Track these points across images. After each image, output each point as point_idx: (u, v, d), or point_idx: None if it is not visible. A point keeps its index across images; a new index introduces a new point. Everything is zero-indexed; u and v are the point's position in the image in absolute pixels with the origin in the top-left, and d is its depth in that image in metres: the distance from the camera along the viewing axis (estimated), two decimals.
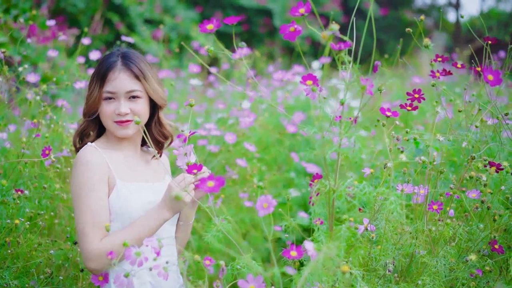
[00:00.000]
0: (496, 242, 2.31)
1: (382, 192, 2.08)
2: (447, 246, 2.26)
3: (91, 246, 2.24)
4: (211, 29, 2.07)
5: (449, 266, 2.26)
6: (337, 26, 1.94)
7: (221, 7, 12.51)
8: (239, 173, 3.99)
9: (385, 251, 2.28)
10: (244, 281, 1.89)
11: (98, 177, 2.33)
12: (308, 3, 2.13)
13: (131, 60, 2.44)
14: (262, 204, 1.93)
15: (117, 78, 2.41)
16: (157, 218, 2.29)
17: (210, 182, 1.89)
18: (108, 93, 2.41)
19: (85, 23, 10.39)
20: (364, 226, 2.22)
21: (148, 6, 11.05)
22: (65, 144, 3.21)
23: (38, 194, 2.90)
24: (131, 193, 2.36)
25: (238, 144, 4.13)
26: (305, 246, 1.78)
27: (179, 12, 11.45)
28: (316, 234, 2.08)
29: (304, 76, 2.07)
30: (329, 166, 4.27)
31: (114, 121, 2.43)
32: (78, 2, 10.23)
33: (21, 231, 2.64)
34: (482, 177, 2.28)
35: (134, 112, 2.41)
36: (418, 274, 2.28)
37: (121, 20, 10.72)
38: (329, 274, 1.91)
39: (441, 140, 2.29)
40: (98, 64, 2.47)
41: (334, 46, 2.02)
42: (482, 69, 2.07)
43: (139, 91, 2.42)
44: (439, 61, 2.59)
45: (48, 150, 2.71)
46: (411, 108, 2.48)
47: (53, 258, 2.78)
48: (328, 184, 2.07)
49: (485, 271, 2.26)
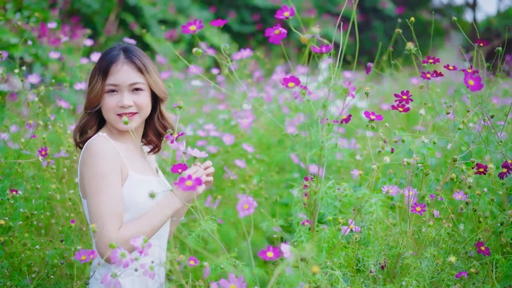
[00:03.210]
0: (483, 244, 2.31)
1: (364, 194, 2.10)
2: (430, 247, 2.26)
3: (110, 235, 2.25)
4: (193, 30, 2.09)
5: (434, 267, 2.26)
6: (318, 30, 1.96)
7: (235, 7, 12.54)
8: (238, 174, 4.01)
9: (369, 252, 2.29)
10: (226, 281, 1.92)
11: (113, 166, 2.34)
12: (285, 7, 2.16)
13: (133, 54, 2.47)
14: (243, 205, 1.95)
15: (120, 71, 2.43)
16: (169, 208, 2.32)
17: (188, 181, 1.92)
18: (111, 85, 2.43)
19: (100, 24, 10.48)
20: (349, 227, 2.23)
21: (162, 6, 11.11)
22: (62, 145, 3.25)
23: (34, 194, 2.94)
24: (141, 184, 2.39)
25: (238, 145, 4.16)
26: (281, 248, 1.79)
27: (193, 12, 11.50)
28: (297, 234, 2.10)
29: (286, 78, 2.08)
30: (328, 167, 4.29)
31: (117, 113, 2.44)
32: (93, 3, 10.31)
33: (15, 230, 2.69)
34: (468, 179, 2.29)
35: (137, 104, 2.44)
36: (403, 275, 2.29)
37: (136, 20, 10.79)
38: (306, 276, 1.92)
39: (425, 142, 2.30)
40: (100, 59, 2.49)
41: (316, 49, 2.04)
42: (464, 74, 2.07)
43: (142, 84, 2.45)
44: (430, 62, 2.59)
45: (45, 151, 2.75)
46: (403, 109, 2.48)
47: (46, 258, 2.82)
48: (310, 185, 2.09)
49: (470, 273, 2.26)
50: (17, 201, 2.76)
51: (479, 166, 2.33)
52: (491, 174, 2.28)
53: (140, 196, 2.37)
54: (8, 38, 5.73)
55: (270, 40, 2.13)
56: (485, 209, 2.43)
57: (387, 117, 4.73)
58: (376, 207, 2.05)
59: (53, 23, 3.78)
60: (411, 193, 2.36)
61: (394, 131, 2.51)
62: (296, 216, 2.11)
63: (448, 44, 16.06)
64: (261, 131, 4.54)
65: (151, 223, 2.30)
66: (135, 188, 2.38)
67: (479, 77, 2.01)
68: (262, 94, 4.73)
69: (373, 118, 2.26)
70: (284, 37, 2.12)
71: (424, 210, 2.30)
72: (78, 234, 3.03)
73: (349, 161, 3.94)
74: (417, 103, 2.93)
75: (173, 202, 2.32)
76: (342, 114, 2.18)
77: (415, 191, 2.36)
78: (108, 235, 2.25)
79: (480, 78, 2.01)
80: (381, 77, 7.66)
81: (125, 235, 2.26)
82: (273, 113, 4.85)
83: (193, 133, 4.27)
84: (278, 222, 2.17)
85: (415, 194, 2.35)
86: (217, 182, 4.04)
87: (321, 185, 2.08)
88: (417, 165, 2.35)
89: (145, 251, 1.94)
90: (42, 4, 7.02)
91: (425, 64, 2.58)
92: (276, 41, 2.13)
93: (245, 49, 4.58)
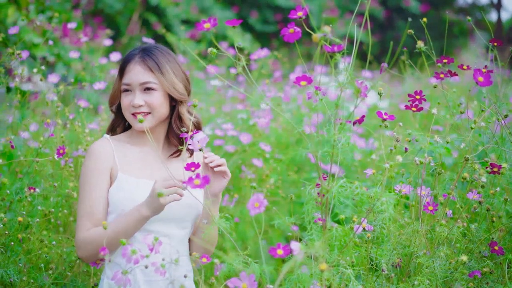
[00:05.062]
0: (496, 244, 2.31)
1: (376, 193, 2.10)
2: (442, 246, 2.26)
3: (79, 235, 2.36)
4: (207, 28, 2.09)
5: (447, 266, 2.26)
6: (329, 29, 1.96)
7: (258, 7, 12.55)
8: (255, 173, 4.02)
9: (381, 251, 2.30)
10: (237, 279, 1.93)
11: (99, 167, 2.42)
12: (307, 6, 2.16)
13: (149, 53, 2.48)
14: (254, 204, 1.96)
15: (132, 70, 2.46)
16: (136, 216, 2.29)
17: (197, 180, 1.94)
18: (125, 85, 2.47)
19: (123, 24, 10.56)
20: (360, 225, 2.24)
21: (185, 6, 11.15)
22: (81, 143, 3.29)
23: (51, 192, 2.98)
24: (128, 187, 2.41)
25: (255, 145, 4.17)
26: (291, 246, 1.81)
27: (216, 12, 11.53)
28: (309, 233, 2.10)
29: (298, 76, 2.09)
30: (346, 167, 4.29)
31: (131, 113, 2.47)
32: (115, 3, 10.39)
33: (33, 227, 2.73)
34: (482, 178, 2.28)
35: (149, 104, 2.44)
36: (416, 275, 2.29)
37: (159, 20, 10.85)
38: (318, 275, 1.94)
39: (438, 141, 2.30)
40: (122, 58, 2.58)
41: (328, 48, 2.04)
42: (474, 71, 2.07)
43: (153, 83, 2.45)
44: (445, 62, 2.58)
45: (62, 149, 2.78)
46: (416, 109, 2.48)
47: (64, 255, 2.86)
48: (322, 183, 2.09)
49: (483, 272, 2.26)
50: (35, 199, 2.80)
51: (493, 166, 2.32)
52: (504, 173, 2.27)
53: (123, 198, 2.39)
54: (31, 38, 5.80)
55: (284, 39, 2.13)
56: (499, 208, 2.42)
57: (406, 117, 4.72)
58: (387, 206, 2.05)
59: (73, 23, 3.83)
60: (424, 193, 2.36)
61: (408, 130, 2.50)
62: (308, 214, 2.12)
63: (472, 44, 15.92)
64: (280, 130, 4.55)
65: (117, 229, 2.31)
66: (120, 190, 2.41)
67: (488, 74, 2.00)
68: (280, 94, 4.72)
69: (385, 117, 2.27)
70: (299, 36, 2.12)
71: (436, 209, 2.30)
72: None
73: (367, 160, 3.94)
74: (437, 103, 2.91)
75: (140, 210, 2.29)
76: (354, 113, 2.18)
77: (428, 190, 2.35)
78: (77, 233, 2.37)
79: (489, 75, 2.00)
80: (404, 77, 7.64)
81: (93, 235, 2.34)
82: (292, 112, 4.85)
83: (211, 133, 4.29)
84: (290, 220, 2.18)
85: (428, 193, 2.35)
86: (234, 181, 4.06)
87: (334, 183, 2.08)
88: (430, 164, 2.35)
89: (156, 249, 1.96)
90: (65, 5, 7.10)
91: (440, 64, 2.57)
92: (290, 40, 2.13)
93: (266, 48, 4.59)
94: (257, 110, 4.46)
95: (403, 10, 14.59)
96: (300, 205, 4.26)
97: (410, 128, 3.42)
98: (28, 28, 5.82)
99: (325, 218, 2.13)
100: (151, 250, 1.96)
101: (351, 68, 2.08)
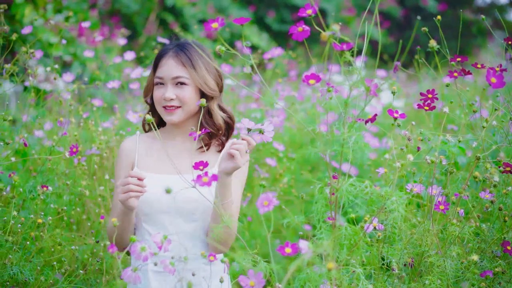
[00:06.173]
0: (509, 243, 2.28)
1: (386, 192, 2.09)
2: (453, 246, 2.25)
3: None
4: (215, 28, 2.10)
5: (458, 266, 2.24)
6: (338, 27, 1.95)
7: (275, 7, 12.53)
8: (268, 172, 4.02)
9: (393, 250, 2.29)
10: (245, 277, 1.93)
11: (122, 163, 2.58)
12: (316, 4, 2.15)
13: (183, 48, 2.53)
14: (263, 202, 1.96)
15: (165, 64, 2.52)
16: (115, 206, 2.49)
17: (205, 178, 1.94)
18: (158, 78, 2.53)
19: (140, 24, 10.60)
20: (371, 224, 2.23)
21: (202, 6, 11.17)
22: (94, 142, 3.30)
23: (65, 191, 3.00)
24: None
25: (269, 144, 4.16)
26: (299, 244, 1.80)
27: (233, 12, 11.53)
28: (318, 231, 2.10)
29: (307, 75, 2.08)
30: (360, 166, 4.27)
31: (162, 106, 2.52)
32: (132, 3, 10.44)
33: (46, 225, 2.74)
34: (495, 177, 2.26)
35: (180, 98, 2.49)
36: (427, 274, 2.28)
37: (176, 20, 10.88)
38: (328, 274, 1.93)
39: (450, 140, 2.29)
40: (157, 52, 2.63)
41: (337, 47, 2.03)
42: (487, 71, 2.05)
43: (185, 78, 2.50)
44: (458, 61, 2.56)
45: (75, 148, 2.79)
46: (428, 108, 2.47)
47: (77, 253, 2.87)
48: (331, 182, 2.09)
49: (495, 272, 2.24)
50: (48, 197, 2.82)
51: (506, 165, 2.30)
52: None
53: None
54: (48, 38, 5.85)
55: (293, 37, 2.13)
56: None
57: (422, 116, 4.68)
58: (397, 205, 2.04)
59: (87, 23, 3.85)
60: (435, 192, 2.34)
61: (420, 129, 2.49)
62: (317, 213, 2.12)
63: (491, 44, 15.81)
64: (294, 129, 4.54)
65: (112, 218, 2.39)
66: None
67: (501, 75, 1.98)
68: (294, 93, 4.71)
69: (396, 116, 2.26)
70: (307, 35, 2.11)
71: (447, 208, 2.28)
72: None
73: (381, 160, 3.92)
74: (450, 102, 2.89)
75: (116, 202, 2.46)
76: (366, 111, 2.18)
77: (439, 189, 2.34)
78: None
79: (502, 76, 1.98)
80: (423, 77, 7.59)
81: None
82: (306, 112, 4.84)
83: None
84: (300, 219, 2.18)
85: (440, 193, 2.33)
86: (248, 180, 4.05)
87: (343, 182, 2.07)
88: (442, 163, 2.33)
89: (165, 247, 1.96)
90: (82, 4, 7.14)
91: (453, 62, 2.55)
92: (299, 38, 2.13)
93: (280, 48, 4.59)
94: (271, 109, 4.45)
95: (421, 9, 14.50)
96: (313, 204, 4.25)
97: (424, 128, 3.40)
98: (45, 27, 5.86)
99: (335, 217, 2.12)
100: (159, 248, 1.96)
101: (361, 67, 2.07)
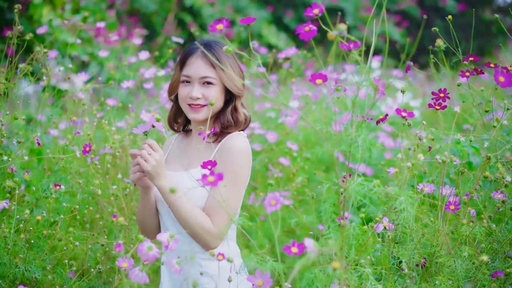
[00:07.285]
0: None
1: (395, 192, 2.08)
2: (464, 246, 2.23)
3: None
4: (220, 29, 2.10)
5: (469, 266, 2.23)
6: (345, 26, 1.95)
7: (293, 6, 12.51)
8: (282, 172, 4.01)
9: (403, 250, 2.28)
10: (253, 276, 1.94)
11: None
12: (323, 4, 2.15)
13: (210, 49, 2.55)
14: (270, 201, 1.96)
15: (193, 64, 2.55)
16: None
17: (210, 177, 1.95)
18: (185, 76, 2.56)
19: (158, 24, 10.66)
20: (380, 224, 2.22)
21: (220, 6, 11.19)
22: (108, 141, 3.32)
23: (78, 189, 3.02)
24: None
25: (282, 143, 4.16)
26: (305, 244, 1.80)
27: (251, 11, 11.53)
28: (326, 231, 2.09)
29: (314, 74, 2.08)
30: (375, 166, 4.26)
31: (187, 103, 2.56)
32: (150, 3, 10.49)
33: (58, 224, 2.76)
34: (507, 178, 2.25)
35: (206, 97, 2.53)
36: (438, 274, 2.26)
37: (194, 20, 10.92)
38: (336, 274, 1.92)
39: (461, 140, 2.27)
40: (183, 51, 2.64)
41: (344, 46, 2.03)
42: (495, 70, 2.03)
43: (212, 78, 2.53)
44: (471, 60, 2.55)
45: (89, 147, 2.81)
46: (440, 107, 2.46)
47: (89, 252, 2.89)
48: (339, 182, 2.08)
49: (507, 273, 2.22)
50: (61, 196, 2.84)
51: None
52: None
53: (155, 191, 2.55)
54: (66, 38, 5.90)
55: (300, 37, 2.12)
56: None
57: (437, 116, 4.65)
58: (406, 205, 2.03)
59: (103, 23, 3.87)
60: (448, 192, 2.33)
61: (431, 129, 2.48)
62: (325, 213, 2.11)
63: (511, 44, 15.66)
64: (308, 129, 4.53)
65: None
66: None
67: (509, 74, 1.97)
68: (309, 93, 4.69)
69: (404, 115, 2.25)
70: (314, 35, 2.11)
71: (458, 208, 2.27)
72: (121, 229, 3.10)
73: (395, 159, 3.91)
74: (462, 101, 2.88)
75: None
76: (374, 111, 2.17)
77: (451, 189, 2.33)
78: None
79: (510, 75, 1.97)
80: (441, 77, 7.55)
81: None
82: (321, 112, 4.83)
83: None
84: (308, 219, 2.17)
85: (451, 193, 2.32)
86: (261, 180, 4.06)
87: (351, 182, 2.07)
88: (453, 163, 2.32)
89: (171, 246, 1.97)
90: (101, 5, 7.19)
91: (466, 62, 2.54)
92: (306, 38, 2.12)
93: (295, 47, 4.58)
94: (286, 109, 4.45)
95: (440, 9, 14.40)
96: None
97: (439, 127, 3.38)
98: (62, 27, 5.91)
99: (343, 217, 2.11)
100: (166, 247, 1.97)
101: (370, 67, 2.06)
